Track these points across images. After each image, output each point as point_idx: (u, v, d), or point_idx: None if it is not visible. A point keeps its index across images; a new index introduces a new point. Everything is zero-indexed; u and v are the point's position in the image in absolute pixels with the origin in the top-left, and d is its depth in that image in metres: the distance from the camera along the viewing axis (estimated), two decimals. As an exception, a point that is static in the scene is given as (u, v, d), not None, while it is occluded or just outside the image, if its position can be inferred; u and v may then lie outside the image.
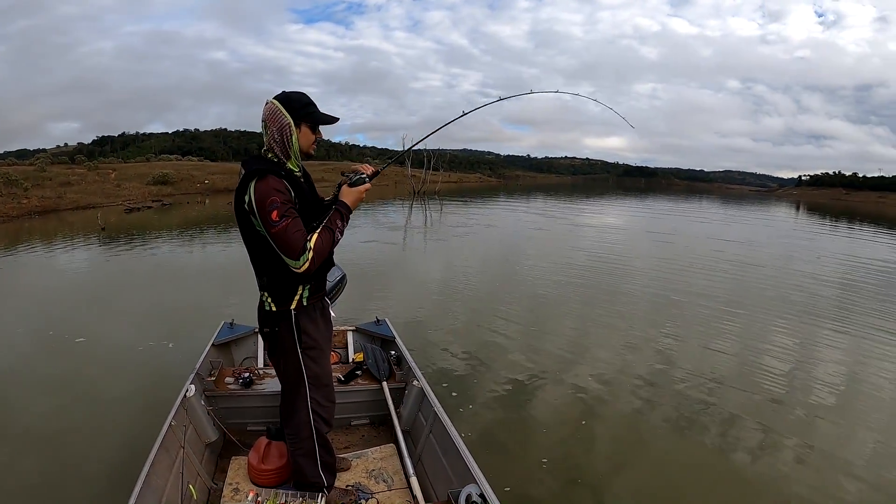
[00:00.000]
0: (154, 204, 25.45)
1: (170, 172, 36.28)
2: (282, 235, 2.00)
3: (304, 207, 2.16)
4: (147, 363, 5.18)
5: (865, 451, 4.10)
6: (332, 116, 2.23)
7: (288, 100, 2.13)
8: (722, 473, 3.76)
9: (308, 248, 2.03)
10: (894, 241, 24.23)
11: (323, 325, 2.40)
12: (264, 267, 2.22)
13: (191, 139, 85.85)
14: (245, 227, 2.15)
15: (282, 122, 2.11)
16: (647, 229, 22.46)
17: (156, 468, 2.35)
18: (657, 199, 52.98)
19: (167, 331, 6.05)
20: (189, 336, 5.75)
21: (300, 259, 2.03)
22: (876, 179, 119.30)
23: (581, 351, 6.09)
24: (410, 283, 9.41)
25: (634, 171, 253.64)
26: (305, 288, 2.26)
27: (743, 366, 5.81)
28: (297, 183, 2.17)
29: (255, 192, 2.02)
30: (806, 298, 9.52)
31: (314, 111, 2.18)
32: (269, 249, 2.11)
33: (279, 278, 2.20)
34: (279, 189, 2.03)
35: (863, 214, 49.52)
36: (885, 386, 5.50)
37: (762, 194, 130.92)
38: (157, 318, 6.69)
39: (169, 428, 2.65)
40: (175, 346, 5.59)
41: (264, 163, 2.13)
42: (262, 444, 2.75)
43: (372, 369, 3.55)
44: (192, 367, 3.37)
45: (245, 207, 2.07)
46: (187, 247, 13.22)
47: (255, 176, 2.05)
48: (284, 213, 2.00)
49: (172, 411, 2.80)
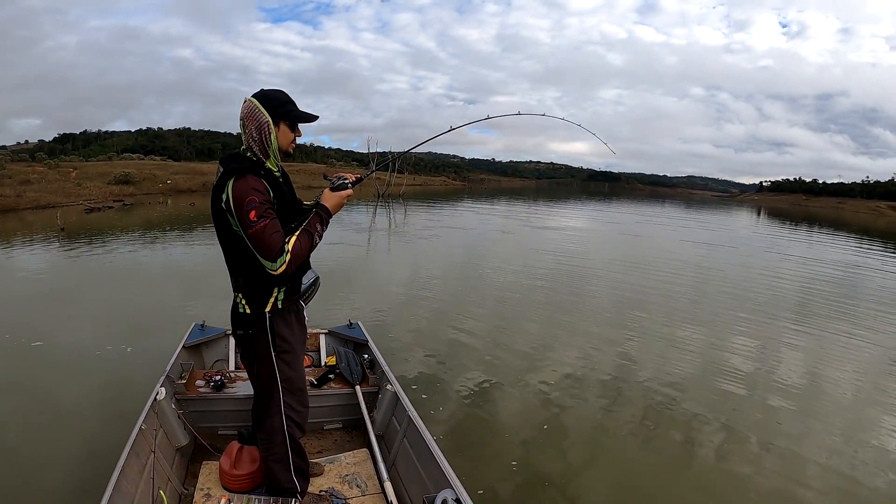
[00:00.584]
0: (115, 204, 24.78)
1: (132, 172, 35.48)
2: (259, 236, 1.96)
3: (283, 208, 2.13)
4: (108, 366, 5.03)
5: (825, 450, 4.23)
6: (311, 114, 2.19)
7: (266, 97, 2.09)
8: (685, 473, 3.84)
9: (286, 250, 2.00)
10: (852, 245, 25.10)
11: (298, 328, 2.36)
12: (239, 268, 2.17)
13: (154, 138, 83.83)
14: (221, 227, 2.11)
15: (260, 120, 2.05)
16: (611, 232, 22.92)
17: (126, 473, 2.28)
18: (621, 203, 53.91)
19: (128, 333, 5.90)
20: (151, 338, 5.63)
21: (277, 261, 1.99)
22: (835, 186, 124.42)
23: (547, 352, 6.15)
24: (376, 285, 9.35)
25: (598, 175, 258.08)
26: (281, 290, 2.22)
27: (705, 366, 5.95)
28: (276, 183, 2.13)
29: (234, 191, 1.98)
30: (766, 300, 9.82)
31: (293, 109, 2.14)
32: (244, 250, 2.07)
33: (254, 280, 2.16)
34: (258, 189, 1.99)
35: (822, 219, 51.26)
36: (844, 384, 5.72)
37: (724, 199, 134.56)
38: (117, 321, 6.52)
39: (139, 432, 2.58)
40: (136, 348, 5.44)
41: (243, 161, 2.08)
42: (234, 448, 2.70)
43: (345, 373, 3.52)
44: (160, 369, 3.30)
45: (222, 206, 2.03)
46: (149, 248, 12.88)
47: (233, 174, 2.00)
48: (263, 214, 1.96)
49: (142, 415, 2.72)
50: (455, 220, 24.62)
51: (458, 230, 20.25)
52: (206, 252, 12.12)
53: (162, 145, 76.93)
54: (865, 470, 3.96)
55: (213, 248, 11.96)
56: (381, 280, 9.86)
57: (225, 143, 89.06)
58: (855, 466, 4.00)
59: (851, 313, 9.33)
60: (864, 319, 8.87)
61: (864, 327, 8.24)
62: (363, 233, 17.53)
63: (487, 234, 19.42)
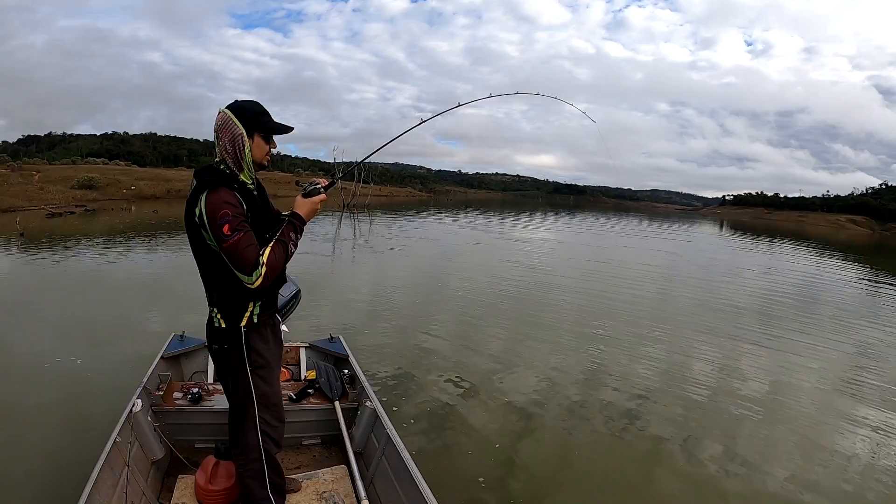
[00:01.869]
0: (77, 209, 24.24)
1: (96, 177, 34.81)
2: (233, 250, 1.94)
3: (258, 221, 2.10)
4: (69, 377, 4.85)
5: (788, 455, 4.35)
6: (285, 125, 2.16)
7: (241, 109, 2.06)
8: (651, 484, 3.87)
9: (261, 262, 1.98)
10: (813, 257, 25.87)
11: (274, 343, 2.33)
12: (214, 282, 2.14)
13: (119, 142, 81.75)
14: (195, 241, 2.08)
15: (234, 132, 2.03)
16: (577, 244, 23.20)
17: (99, 487, 2.22)
18: (586, 216, 54.66)
19: (87, 343, 5.77)
20: (112, 348, 5.55)
21: (253, 274, 1.97)
22: (797, 199, 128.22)
23: (516, 362, 6.19)
24: (340, 296, 9.21)
25: (564, 188, 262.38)
26: (256, 305, 2.19)
27: (670, 374, 6.07)
28: (249, 196, 2.11)
29: (207, 205, 1.95)
30: (729, 310, 10.11)
31: (268, 120, 2.11)
32: (219, 264, 2.05)
33: (229, 294, 2.13)
34: (231, 202, 1.97)
35: (784, 232, 52.78)
36: (805, 390, 5.91)
37: (687, 213, 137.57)
38: (77, 330, 6.34)
39: (113, 445, 2.51)
40: (95, 358, 5.29)
41: (216, 174, 2.05)
42: (210, 463, 2.64)
43: (324, 388, 3.46)
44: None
45: (195, 220, 2.00)
46: (112, 256, 12.59)
47: (206, 188, 1.98)
48: (236, 227, 1.94)
49: (117, 427, 2.65)
50: (421, 231, 24.65)
51: (425, 241, 20.33)
52: (170, 261, 11.94)
53: (127, 150, 75.22)
54: (827, 475, 4.08)
55: (176, 257, 11.91)
56: (345, 291, 9.72)
57: (191, 150, 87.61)
58: (816, 471, 4.12)
59: (812, 321, 9.68)
60: (823, 327, 9.22)
61: (824, 334, 8.55)
62: (328, 243, 17.41)
63: (454, 246, 19.51)
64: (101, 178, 35.43)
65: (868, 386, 6.23)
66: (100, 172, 38.62)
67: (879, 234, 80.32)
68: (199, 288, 2.21)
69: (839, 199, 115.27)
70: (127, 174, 42.24)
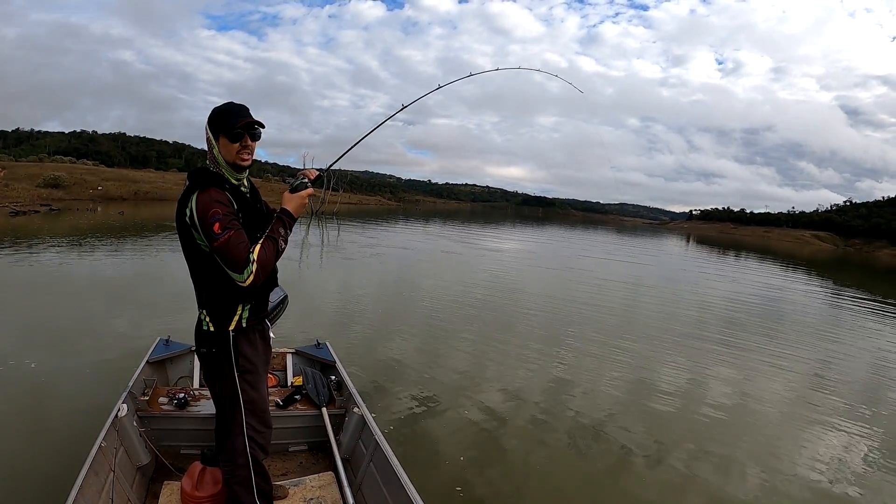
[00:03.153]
0: (42, 208, 23.64)
1: (62, 175, 34.10)
2: (224, 248, 1.93)
3: (250, 220, 2.10)
4: (31, 380, 4.69)
5: (752, 463, 4.42)
6: (247, 119, 2.07)
7: (211, 114, 2.09)
8: (618, 494, 3.90)
9: (251, 259, 1.96)
10: (777, 271, 26.53)
11: (262, 347, 2.31)
12: (204, 283, 2.13)
13: (88, 141, 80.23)
14: (186, 241, 2.07)
15: (206, 135, 2.09)
16: (546, 255, 23.44)
17: (84, 493, 2.18)
18: (555, 228, 55.22)
19: (50, 344, 5.62)
20: (74, 350, 5.44)
21: (244, 272, 1.95)
22: (762, 215, 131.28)
23: (486, 371, 6.19)
24: (308, 302, 9.08)
25: (533, 200, 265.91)
26: (245, 308, 2.18)
27: (636, 385, 6.14)
28: (241, 196, 2.11)
29: (197, 205, 1.95)
30: (695, 322, 10.37)
31: (228, 119, 2.06)
32: (209, 265, 2.04)
33: (218, 296, 2.12)
34: (221, 201, 1.97)
35: (749, 247, 53.95)
36: (769, 401, 6.04)
37: (655, 226, 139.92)
38: (39, 331, 6.15)
39: (98, 450, 2.46)
40: (58, 361, 5.14)
41: (207, 176, 2.06)
42: (197, 469, 2.59)
43: (311, 394, 3.44)
44: (124, 384, 3.17)
45: (186, 220, 2.00)
46: (74, 257, 12.24)
47: (196, 188, 1.99)
48: (227, 226, 1.93)
49: (102, 432, 2.60)
50: (389, 239, 24.59)
51: (394, 249, 20.35)
52: (137, 265, 11.76)
53: (96, 149, 74.05)
54: (790, 482, 4.16)
55: (141, 261, 11.61)
56: (318, 296, 9.63)
57: (160, 151, 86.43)
58: (780, 478, 4.20)
59: (775, 332, 10.00)
60: (786, 337, 9.54)
61: (785, 345, 8.83)
62: (296, 248, 17.18)
63: (419, 254, 19.54)
64: (67, 177, 34.73)
65: (827, 392, 6.47)
66: (66, 171, 37.92)
67: (843, 249, 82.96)
68: (167, 291, 2.16)
69: (804, 215, 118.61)
70: (94, 174, 41.48)
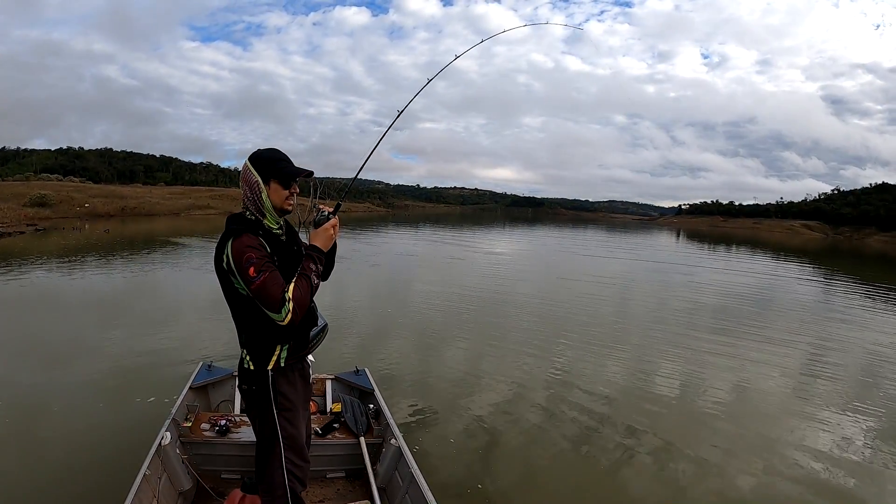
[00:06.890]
0: (28, 229, 23.51)
1: (49, 194, 34.03)
2: (261, 290, 2.00)
3: (285, 262, 2.17)
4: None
5: (748, 460, 4.39)
6: (302, 170, 2.20)
7: (258, 158, 2.16)
8: (621, 490, 3.90)
9: (287, 298, 2.02)
10: (768, 262, 26.66)
11: (301, 385, 2.37)
12: (243, 325, 2.22)
13: (74, 158, 79.70)
14: (226, 287, 2.16)
15: (250, 179, 2.13)
16: (542, 256, 23.46)
17: None
18: (546, 228, 55.30)
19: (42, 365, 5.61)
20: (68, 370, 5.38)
21: (282, 311, 2.01)
22: (751, 207, 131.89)
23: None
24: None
25: (522, 201, 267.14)
26: (283, 348, 2.24)
27: (633, 380, 6.17)
28: (275, 240, 2.18)
29: (233, 252, 2.04)
30: (689, 314, 10.40)
31: (284, 166, 2.16)
32: (248, 308, 2.13)
33: (257, 337, 2.20)
34: (253, 246, 2.05)
35: (740, 239, 54.17)
36: (766, 391, 6.09)
37: (644, 223, 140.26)
38: (30, 352, 6.14)
39: (143, 478, 2.57)
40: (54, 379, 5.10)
41: (241, 222, 2.15)
42: (237, 497, 2.65)
43: (349, 423, 3.48)
44: (167, 411, 3.27)
45: (224, 267, 2.09)
46: (60, 276, 12.20)
47: (231, 235, 2.08)
48: (262, 268, 2.01)
49: (147, 460, 2.72)
50: (382, 247, 24.61)
51: (387, 256, 20.54)
52: (127, 283, 11.75)
53: (82, 166, 73.54)
54: (789, 476, 4.13)
55: (131, 279, 11.55)
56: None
57: (147, 166, 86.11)
58: (779, 477, 4.16)
59: (770, 322, 10.05)
60: (779, 326, 9.57)
61: (780, 334, 8.84)
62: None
63: (413, 261, 19.77)
64: (54, 195, 34.65)
65: (823, 381, 6.52)
66: (53, 189, 37.87)
67: (833, 237, 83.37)
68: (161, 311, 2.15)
69: (793, 205, 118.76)
70: (81, 191, 41.48)
